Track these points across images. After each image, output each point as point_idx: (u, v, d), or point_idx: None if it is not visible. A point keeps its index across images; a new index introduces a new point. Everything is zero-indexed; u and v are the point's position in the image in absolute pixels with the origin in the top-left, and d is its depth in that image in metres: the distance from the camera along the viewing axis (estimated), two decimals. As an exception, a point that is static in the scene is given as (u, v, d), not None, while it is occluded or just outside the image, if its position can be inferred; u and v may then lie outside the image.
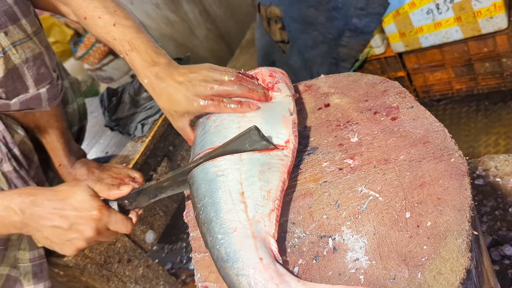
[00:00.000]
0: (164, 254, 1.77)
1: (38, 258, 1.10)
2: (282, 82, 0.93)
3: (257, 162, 0.77)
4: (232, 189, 0.74)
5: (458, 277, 0.55)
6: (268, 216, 0.71)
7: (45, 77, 1.03)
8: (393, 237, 0.63)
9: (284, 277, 0.63)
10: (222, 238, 0.69)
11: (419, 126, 0.76)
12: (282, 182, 0.75)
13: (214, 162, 0.78)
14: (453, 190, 0.64)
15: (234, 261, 0.66)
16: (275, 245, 0.68)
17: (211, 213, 0.73)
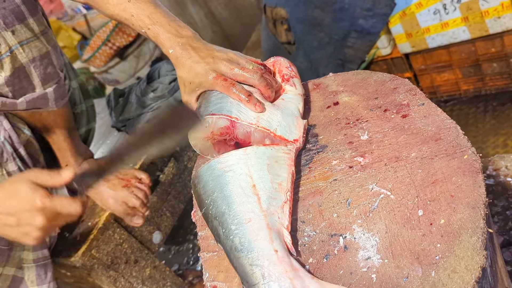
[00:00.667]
0: (171, 255, 1.76)
1: (42, 259, 1.10)
2: (297, 78, 0.95)
3: (263, 155, 0.77)
4: (243, 182, 0.74)
5: (474, 276, 0.54)
6: (281, 208, 0.71)
7: (52, 77, 1.03)
8: (406, 235, 0.62)
9: (298, 272, 0.62)
10: (236, 228, 0.69)
11: (431, 123, 0.75)
12: (291, 174, 0.77)
13: (219, 159, 0.78)
14: (466, 187, 0.63)
15: (248, 251, 0.65)
16: (289, 238, 0.68)
17: (223, 206, 0.72)
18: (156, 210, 1.42)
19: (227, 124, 0.81)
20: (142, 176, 1.28)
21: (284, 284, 0.60)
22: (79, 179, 0.82)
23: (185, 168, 1.53)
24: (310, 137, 0.88)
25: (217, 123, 0.81)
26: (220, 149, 0.85)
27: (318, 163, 0.81)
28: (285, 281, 0.60)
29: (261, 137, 0.81)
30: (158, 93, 1.43)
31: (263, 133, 0.81)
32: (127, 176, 1.27)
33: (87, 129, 1.38)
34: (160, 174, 1.46)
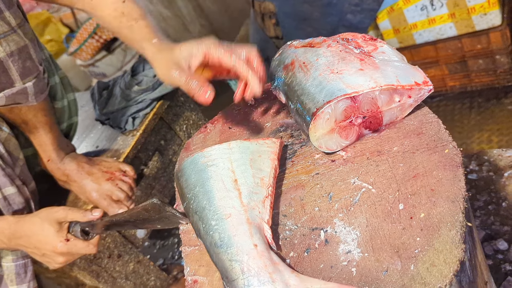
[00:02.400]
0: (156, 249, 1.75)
1: (21, 258, 1.08)
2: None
3: (247, 150, 0.77)
4: (225, 177, 0.73)
5: (452, 269, 0.54)
6: (262, 203, 0.71)
7: (31, 71, 1.00)
8: (386, 229, 0.62)
9: (278, 266, 0.62)
10: (216, 224, 0.68)
11: (413, 117, 0.75)
12: (273, 169, 0.76)
13: (203, 153, 0.78)
14: (446, 181, 0.63)
15: (228, 247, 0.65)
16: (269, 232, 0.67)
17: (204, 201, 0.72)
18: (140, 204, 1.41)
19: (349, 104, 0.73)
20: (126, 169, 1.26)
21: (263, 278, 0.60)
22: (96, 225, 0.93)
23: (169, 162, 1.51)
24: (293, 130, 0.88)
25: (338, 108, 0.73)
26: (347, 134, 0.76)
27: (301, 157, 0.81)
28: (264, 275, 0.60)
29: (388, 96, 0.73)
30: (142, 86, 1.41)
31: (388, 91, 0.73)
32: (111, 169, 1.25)
33: (69, 123, 1.35)
34: (144, 168, 1.44)
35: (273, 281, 0.59)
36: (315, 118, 0.72)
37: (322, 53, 0.82)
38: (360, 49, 0.82)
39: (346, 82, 0.73)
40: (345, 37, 0.87)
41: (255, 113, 0.98)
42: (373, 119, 0.75)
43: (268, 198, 0.72)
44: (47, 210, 0.97)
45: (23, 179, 1.11)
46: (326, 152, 0.77)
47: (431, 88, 0.73)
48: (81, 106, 1.67)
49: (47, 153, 1.20)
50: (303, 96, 0.77)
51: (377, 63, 0.76)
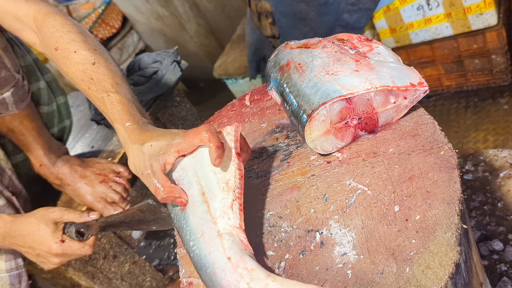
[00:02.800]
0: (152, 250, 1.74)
1: (15, 269, 1.07)
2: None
3: (206, 155, 0.71)
4: (194, 192, 0.71)
5: (447, 272, 0.54)
6: (230, 208, 0.69)
7: (7, 81, 0.99)
8: (382, 231, 0.62)
9: (254, 272, 0.61)
10: (193, 245, 0.68)
11: (409, 118, 0.75)
12: (237, 168, 0.71)
13: (174, 170, 0.73)
14: (442, 183, 0.62)
15: (206, 267, 0.65)
16: (243, 235, 0.66)
17: (181, 221, 0.72)
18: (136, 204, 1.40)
19: (344, 105, 0.72)
20: (120, 170, 1.25)
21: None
22: (91, 226, 0.93)
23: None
24: (289, 131, 0.87)
25: (333, 109, 0.72)
26: (343, 135, 0.75)
27: (297, 158, 0.80)
28: (241, 286, 0.60)
29: (384, 97, 0.73)
30: (138, 85, 1.40)
31: (384, 92, 0.72)
32: (104, 171, 1.23)
33: (61, 127, 1.32)
34: (140, 168, 1.43)
35: None
36: (311, 119, 0.72)
37: (318, 54, 0.82)
38: (356, 50, 0.82)
39: (341, 84, 0.73)
40: (340, 37, 0.87)
41: (251, 114, 0.98)
42: (369, 120, 0.75)
43: (236, 201, 0.69)
44: (43, 210, 0.96)
45: (12, 190, 1.10)
46: (322, 154, 0.77)
47: (426, 89, 0.73)
48: (76, 106, 1.66)
49: (38, 158, 1.19)
50: (298, 97, 0.77)
51: (372, 64, 0.76)
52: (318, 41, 0.87)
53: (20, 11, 0.92)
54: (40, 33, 0.91)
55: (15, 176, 1.13)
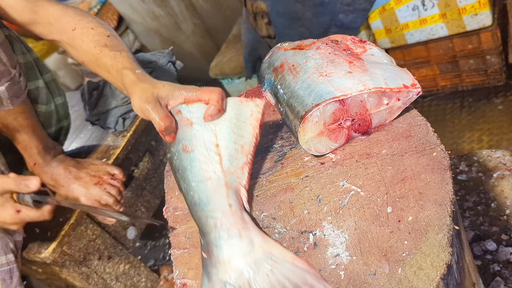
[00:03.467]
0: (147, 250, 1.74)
1: (6, 264, 1.06)
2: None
3: (231, 111, 0.78)
4: (207, 140, 0.76)
5: (439, 273, 0.54)
6: (241, 169, 0.75)
7: (2, 74, 0.98)
8: (374, 232, 0.62)
9: (247, 224, 0.68)
10: (196, 185, 0.74)
11: (402, 120, 0.75)
12: (254, 137, 0.76)
13: (189, 108, 0.78)
14: (434, 184, 0.63)
15: (205, 205, 0.71)
16: (245, 194, 0.74)
17: (186, 161, 0.75)
18: (131, 205, 1.40)
19: (338, 107, 0.73)
20: (115, 172, 1.24)
21: (233, 233, 0.67)
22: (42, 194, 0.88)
23: (160, 163, 1.50)
24: (283, 132, 0.88)
25: (326, 111, 0.73)
26: (336, 137, 0.76)
27: (291, 159, 0.80)
28: (234, 231, 0.67)
29: (377, 99, 0.73)
30: (133, 86, 1.40)
31: (377, 94, 0.73)
32: (99, 173, 1.23)
33: (58, 127, 1.32)
34: (135, 169, 1.43)
35: (240, 236, 0.67)
36: (304, 121, 0.72)
37: (311, 55, 0.82)
38: (349, 51, 0.82)
39: (334, 85, 0.73)
40: (334, 39, 0.87)
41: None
42: (362, 121, 0.75)
43: (246, 165, 0.75)
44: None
45: None
46: (316, 155, 0.77)
47: (419, 90, 0.73)
48: (71, 106, 1.65)
49: (33, 157, 1.18)
50: (292, 99, 0.77)
51: (366, 65, 0.76)
52: (312, 43, 0.87)
53: (39, 5, 1.03)
54: (57, 22, 1.02)
55: (7, 172, 1.12)
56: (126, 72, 0.87)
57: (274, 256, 0.64)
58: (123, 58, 0.91)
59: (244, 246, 0.66)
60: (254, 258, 0.64)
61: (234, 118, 0.78)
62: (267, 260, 0.64)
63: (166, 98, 0.80)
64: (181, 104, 0.80)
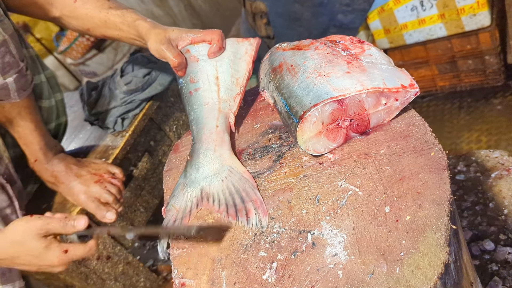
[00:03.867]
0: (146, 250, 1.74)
1: None
2: None
3: (229, 49, 0.97)
4: (210, 72, 0.95)
5: (436, 272, 0.54)
6: (234, 98, 0.92)
7: (11, 66, 0.99)
8: (372, 232, 0.62)
9: (223, 144, 0.87)
10: (197, 108, 0.92)
11: (400, 120, 0.76)
12: (248, 72, 0.95)
13: (195, 47, 0.97)
14: (432, 184, 0.63)
15: (200, 123, 0.90)
16: (232, 118, 0.91)
17: (192, 89, 0.95)
18: (129, 205, 1.40)
19: (336, 107, 0.73)
20: (115, 171, 1.25)
21: (210, 146, 0.86)
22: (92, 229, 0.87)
23: (159, 163, 1.50)
24: (282, 132, 0.88)
25: (325, 111, 0.73)
26: (335, 137, 0.76)
27: (289, 159, 0.81)
28: (212, 145, 0.86)
29: (375, 99, 0.74)
30: (131, 86, 1.40)
31: (375, 94, 0.73)
32: (99, 171, 1.23)
33: (57, 123, 1.33)
34: (134, 169, 1.43)
35: (214, 150, 0.86)
36: (302, 121, 0.72)
37: (310, 55, 0.82)
38: (348, 52, 0.82)
39: (333, 85, 0.74)
40: (333, 39, 0.87)
41: (244, 115, 0.98)
42: (360, 121, 0.75)
43: (239, 96, 0.93)
44: (21, 225, 0.84)
45: (7, 177, 1.09)
46: (314, 155, 0.77)
47: (417, 91, 0.74)
48: (70, 106, 1.65)
49: (34, 153, 1.18)
50: (290, 99, 0.77)
51: (364, 65, 0.77)
52: (310, 43, 0.87)
53: None
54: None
55: (11, 165, 1.13)
56: (139, 22, 1.01)
57: (231, 168, 0.82)
58: (131, 13, 1.04)
59: (215, 157, 0.85)
60: (217, 167, 0.83)
61: (232, 55, 0.96)
62: (226, 170, 0.82)
63: (177, 40, 0.97)
64: (189, 45, 0.97)
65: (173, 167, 0.98)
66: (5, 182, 1.07)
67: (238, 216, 0.76)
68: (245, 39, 0.98)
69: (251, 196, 0.77)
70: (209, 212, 0.81)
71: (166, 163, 1.00)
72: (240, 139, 0.92)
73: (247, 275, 0.67)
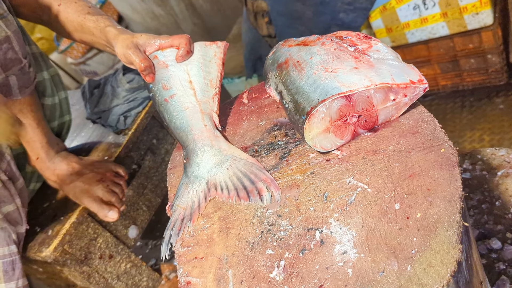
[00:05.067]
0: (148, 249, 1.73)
1: (8, 255, 1.05)
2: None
3: (197, 53, 0.97)
4: (181, 77, 0.94)
5: (449, 270, 0.53)
6: (212, 99, 0.93)
7: (13, 62, 0.98)
8: (382, 229, 0.61)
9: (218, 137, 0.88)
10: (177, 114, 0.91)
11: (408, 116, 0.75)
12: (219, 73, 0.96)
13: (163, 53, 0.97)
14: (443, 180, 0.62)
15: (185, 127, 0.89)
16: (216, 117, 0.92)
17: (167, 96, 0.93)
18: (132, 204, 1.39)
19: (344, 102, 0.72)
20: (117, 170, 1.24)
21: (206, 142, 0.87)
22: None
23: (162, 161, 1.50)
24: (288, 129, 0.87)
25: (332, 107, 0.72)
26: (342, 133, 0.75)
27: (296, 156, 0.80)
28: (207, 141, 0.87)
29: (383, 95, 0.72)
30: (134, 84, 1.39)
31: (383, 89, 0.72)
32: (102, 170, 1.22)
33: (61, 122, 1.32)
34: (136, 167, 1.42)
35: (212, 145, 0.86)
36: (310, 117, 0.71)
37: (316, 51, 0.81)
38: (355, 47, 0.81)
39: (340, 81, 0.73)
40: (339, 35, 0.86)
41: (249, 112, 0.97)
42: (368, 118, 0.74)
43: (216, 95, 0.94)
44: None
45: (9, 174, 1.09)
46: (321, 152, 0.77)
47: (426, 86, 0.73)
48: (72, 105, 1.64)
49: (35, 150, 1.17)
50: (297, 95, 0.76)
51: (372, 61, 0.76)
52: (316, 39, 0.86)
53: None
54: (44, 2, 1.12)
55: (13, 162, 1.12)
56: (109, 28, 1.02)
57: (234, 156, 0.83)
58: (104, 19, 1.05)
59: (214, 151, 0.85)
60: (220, 158, 0.84)
61: (201, 59, 0.96)
62: (229, 159, 0.83)
63: (144, 45, 0.98)
64: (157, 51, 0.98)
65: (177, 165, 0.97)
66: (7, 179, 1.06)
67: (250, 197, 0.76)
68: (213, 42, 0.99)
69: (260, 176, 0.77)
70: (215, 210, 0.80)
71: (170, 160, 0.99)
72: (245, 136, 0.91)
73: (254, 274, 0.66)
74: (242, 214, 0.76)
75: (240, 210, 0.77)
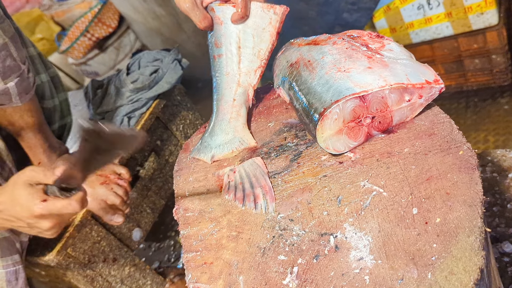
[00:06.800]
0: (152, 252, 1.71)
1: (12, 265, 1.03)
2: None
3: (252, 18, 0.90)
4: (233, 40, 0.92)
5: (472, 278, 0.52)
6: (254, 71, 0.91)
7: (12, 70, 0.96)
8: (400, 235, 0.59)
9: (239, 117, 0.91)
10: (219, 76, 0.94)
11: (424, 117, 0.73)
12: (271, 44, 0.90)
13: (220, 7, 0.91)
14: (462, 184, 0.60)
15: (219, 93, 0.94)
16: (252, 92, 0.92)
17: (216, 54, 0.94)
18: (136, 206, 1.37)
19: (358, 103, 0.70)
20: (121, 171, 1.21)
21: (226, 118, 0.91)
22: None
23: (166, 163, 1.47)
24: (298, 131, 0.85)
25: (346, 108, 0.70)
26: (356, 135, 0.73)
27: (307, 158, 0.78)
28: (227, 117, 0.91)
29: (398, 95, 0.70)
30: (138, 84, 1.37)
31: (398, 90, 0.70)
32: (105, 172, 1.20)
33: (61, 124, 1.30)
34: (140, 169, 1.40)
35: (229, 122, 0.91)
36: (323, 118, 0.69)
37: (328, 50, 0.79)
38: (367, 47, 0.79)
39: (354, 81, 0.71)
40: (351, 34, 0.84)
41: (257, 113, 0.96)
42: (383, 119, 0.72)
43: (260, 68, 0.91)
44: (14, 176, 0.85)
45: None
46: (334, 154, 0.75)
47: (442, 86, 0.71)
48: (74, 105, 1.62)
49: (37, 155, 1.15)
50: (309, 95, 0.74)
51: (385, 61, 0.74)
52: (327, 38, 0.84)
53: None
54: None
55: (15, 169, 1.09)
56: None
57: (241, 139, 0.88)
58: None
59: (228, 128, 0.90)
60: (230, 138, 0.89)
61: (255, 25, 0.90)
62: (237, 142, 0.88)
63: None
64: (214, 3, 0.92)
65: (183, 167, 0.95)
66: None
67: (245, 201, 0.77)
68: (271, 6, 0.89)
69: (261, 182, 0.77)
70: (224, 213, 0.78)
71: (176, 162, 0.97)
72: (254, 138, 0.89)
73: (266, 280, 0.64)
74: (252, 218, 0.74)
75: (250, 214, 0.75)
